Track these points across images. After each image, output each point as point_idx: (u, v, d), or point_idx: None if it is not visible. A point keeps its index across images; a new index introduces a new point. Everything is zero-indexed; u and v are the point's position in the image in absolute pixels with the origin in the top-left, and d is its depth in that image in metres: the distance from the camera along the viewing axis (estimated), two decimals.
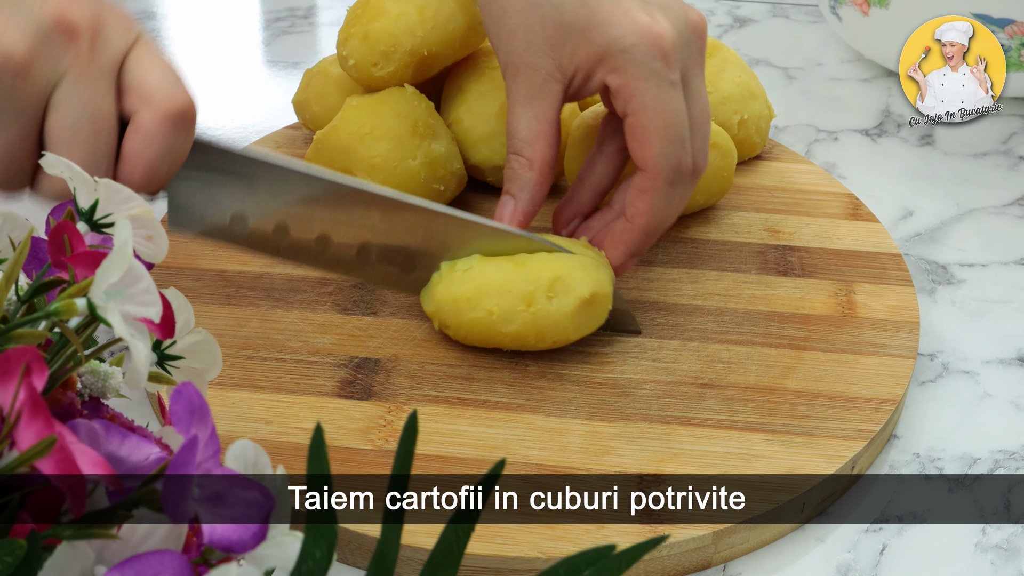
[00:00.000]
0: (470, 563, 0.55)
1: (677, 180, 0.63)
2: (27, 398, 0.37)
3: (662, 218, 0.64)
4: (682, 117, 0.62)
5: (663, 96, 0.61)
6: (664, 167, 0.62)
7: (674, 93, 0.62)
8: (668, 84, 0.61)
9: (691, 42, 0.63)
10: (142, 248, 0.50)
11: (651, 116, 0.61)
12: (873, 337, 0.67)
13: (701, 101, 0.64)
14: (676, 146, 0.62)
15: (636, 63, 0.61)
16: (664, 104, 0.61)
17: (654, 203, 0.63)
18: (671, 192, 0.63)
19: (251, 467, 0.40)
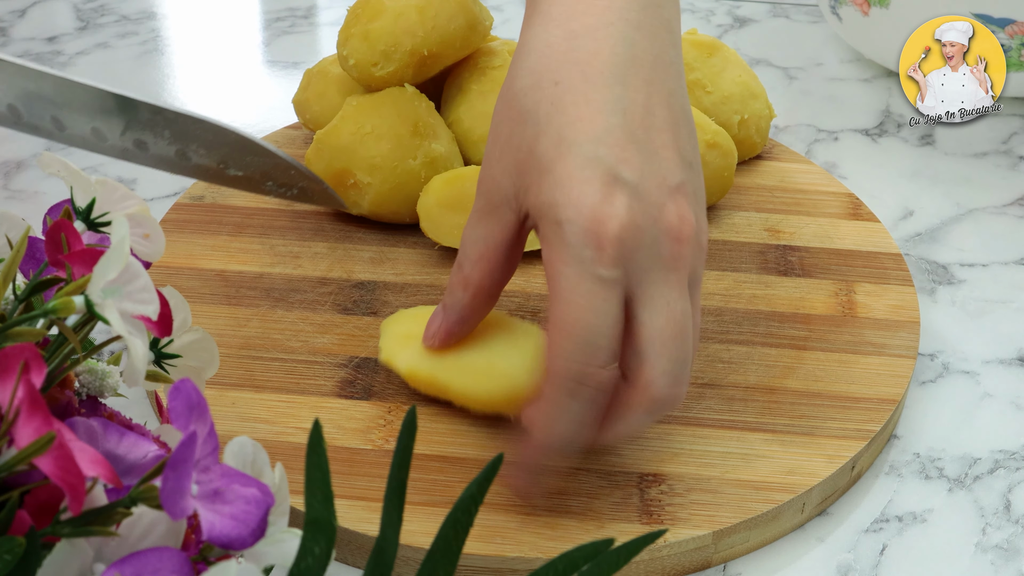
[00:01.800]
0: (470, 563, 0.55)
1: (575, 391, 0.51)
2: (25, 395, 0.37)
3: (562, 437, 0.53)
4: (599, 319, 0.50)
5: (580, 290, 0.50)
6: (562, 371, 0.51)
7: (597, 289, 0.50)
8: (592, 277, 0.50)
9: (654, 245, 0.51)
10: (139, 246, 0.50)
11: (561, 308, 0.51)
12: (873, 337, 0.67)
13: (671, 313, 0.51)
14: (580, 350, 0.50)
15: (564, 242, 0.51)
16: (577, 298, 0.50)
17: (550, 415, 0.52)
18: (576, 407, 0.51)
19: (250, 464, 0.40)
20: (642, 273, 0.51)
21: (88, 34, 0.99)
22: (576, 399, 0.51)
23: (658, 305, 0.51)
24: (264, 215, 0.74)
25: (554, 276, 0.51)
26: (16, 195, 0.81)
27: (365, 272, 0.70)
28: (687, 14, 1.05)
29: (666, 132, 0.53)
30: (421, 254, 0.72)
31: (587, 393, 0.51)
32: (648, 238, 0.51)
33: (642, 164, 0.52)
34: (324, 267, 0.70)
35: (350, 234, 0.73)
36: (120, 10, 1.03)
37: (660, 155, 0.52)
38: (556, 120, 0.52)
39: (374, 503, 0.56)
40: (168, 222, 0.74)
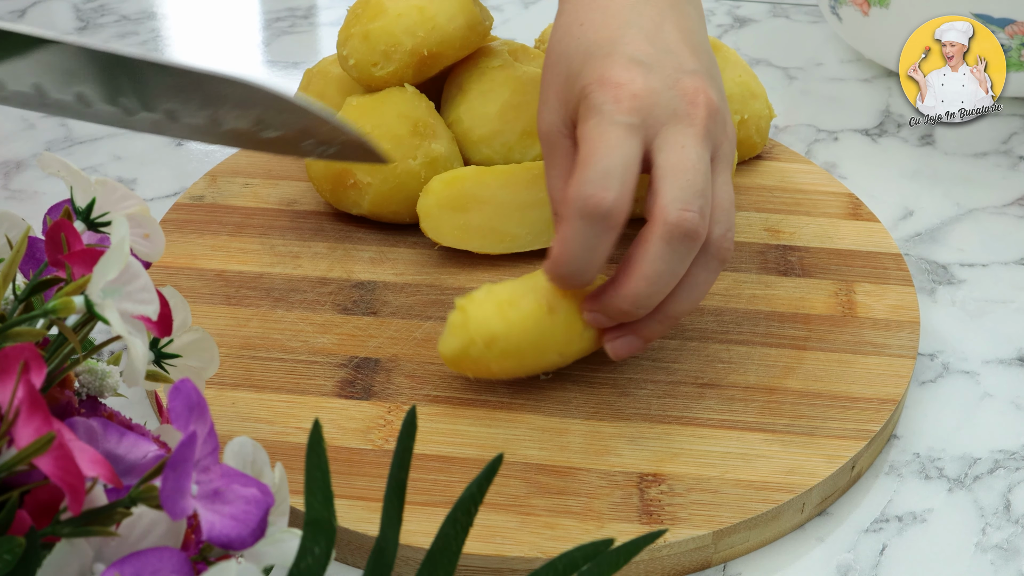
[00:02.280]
0: (470, 563, 0.55)
1: (588, 215, 0.55)
2: (25, 395, 0.37)
3: (568, 255, 0.57)
4: (612, 152, 0.55)
5: (599, 130, 0.56)
6: (574, 194, 0.56)
7: (614, 130, 0.56)
8: (610, 122, 0.56)
9: (671, 103, 0.57)
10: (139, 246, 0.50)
11: (581, 150, 0.57)
12: (873, 337, 0.67)
13: (683, 152, 0.56)
14: (591, 176, 0.55)
15: (589, 104, 0.57)
16: (596, 136, 0.56)
17: (562, 232, 0.57)
18: (582, 226, 0.56)
19: (249, 464, 0.40)
20: (659, 126, 0.57)
21: (88, 34, 0.99)
22: (583, 219, 0.56)
23: (672, 147, 0.57)
24: (264, 215, 0.74)
25: (582, 126, 0.58)
26: (16, 195, 0.81)
27: (365, 272, 0.70)
28: None
29: (680, 43, 0.60)
30: (421, 254, 0.72)
31: (592, 213, 0.55)
32: (664, 99, 0.57)
33: (657, 54, 0.59)
34: (324, 267, 0.71)
35: (350, 234, 0.73)
36: (120, 10, 1.03)
37: (676, 52, 0.59)
38: (582, 45, 0.60)
39: (374, 503, 0.56)
40: (168, 222, 0.74)
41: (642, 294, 0.57)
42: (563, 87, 0.60)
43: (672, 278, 0.57)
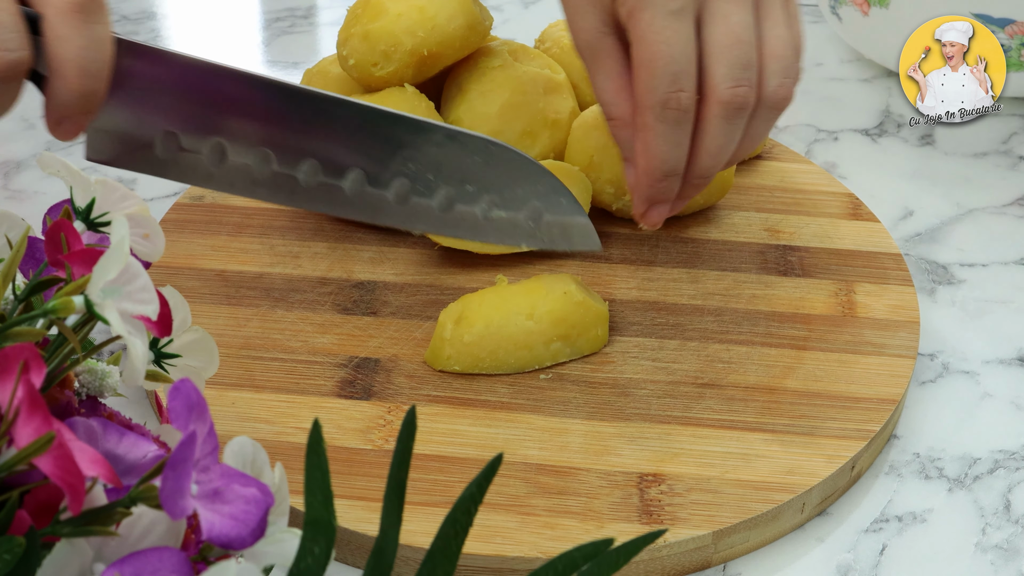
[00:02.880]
0: (470, 563, 0.55)
1: (668, 116, 0.59)
2: (25, 395, 0.37)
3: (661, 159, 0.60)
4: (674, 49, 0.58)
5: (655, 26, 0.58)
6: (648, 101, 0.59)
7: (668, 23, 0.58)
8: (665, 13, 0.58)
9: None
10: (139, 246, 0.50)
11: (641, 47, 0.59)
12: (873, 337, 0.67)
13: (727, 24, 0.59)
14: (661, 80, 0.58)
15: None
16: (655, 35, 0.58)
17: (647, 141, 0.60)
18: (665, 129, 0.59)
19: (249, 464, 0.40)
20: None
21: None
22: (664, 122, 0.59)
23: (717, 19, 0.58)
24: (264, 215, 0.74)
25: (635, 25, 0.58)
26: (16, 195, 0.81)
27: (365, 272, 0.70)
28: None
29: None
30: (421, 254, 0.72)
31: (672, 116, 0.59)
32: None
33: None
34: (324, 267, 0.70)
35: (350, 234, 0.73)
36: (120, 10, 1.03)
37: None
38: None
39: (374, 503, 0.56)
40: (168, 222, 0.74)
41: (709, 167, 0.61)
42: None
43: (733, 145, 0.61)
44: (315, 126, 0.58)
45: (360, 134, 0.58)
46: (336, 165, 0.59)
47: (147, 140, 0.56)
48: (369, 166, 0.59)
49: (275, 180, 0.59)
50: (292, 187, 0.59)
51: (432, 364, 0.64)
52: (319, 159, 0.59)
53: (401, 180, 0.59)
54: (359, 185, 0.59)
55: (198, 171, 0.58)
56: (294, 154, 0.58)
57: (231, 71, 0.56)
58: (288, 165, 0.58)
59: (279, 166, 0.58)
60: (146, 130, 0.56)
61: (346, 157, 0.59)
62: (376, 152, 0.59)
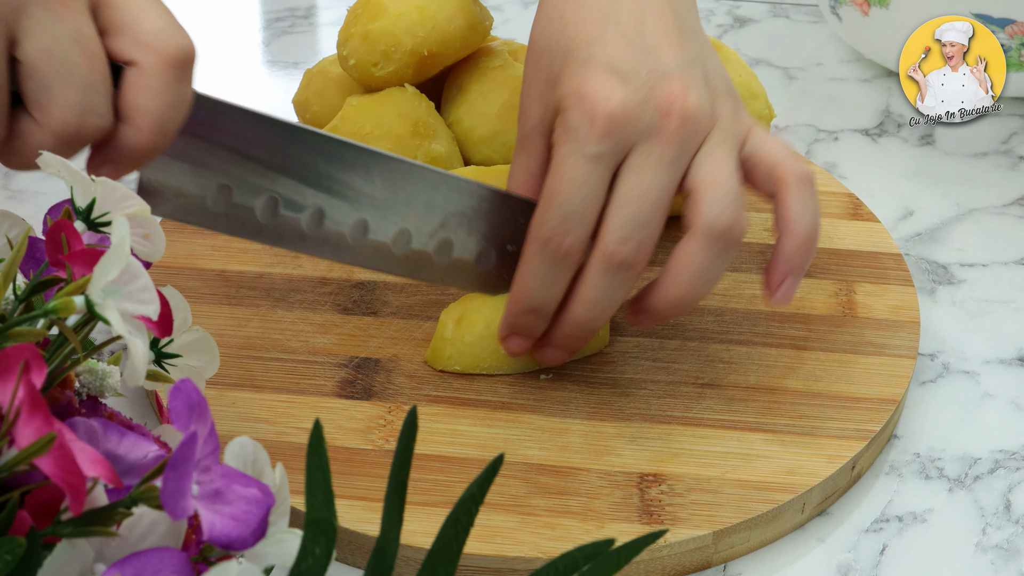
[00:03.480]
0: (470, 563, 0.55)
1: (547, 255, 0.57)
2: (26, 395, 0.37)
3: (529, 292, 0.58)
4: (575, 190, 0.56)
5: (567, 163, 0.56)
6: (534, 233, 0.57)
7: (582, 164, 0.56)
8: (581, 153, 0.56)
9: (643, 119, 0.56)
10: (139, 246, 0.50)
11: (548, 178, 0.57)
12: (873, 337, 0.67)
13: (638, 180, 0.56)
14: (552, 216, 0.56)
15: (565, 124, 0.57)
16: (563, 170, 0.56)
17: (522, 270, 0.58)
18: (541, 265, 0.58)
19: (250, 464, 0.40)
20: (630, 146, 0.56)
21: None
22: (542, 258, 0.57)
23: (632, 172, 0.57)
24: None
25: (554, 154, 0.57)
26: (16, 195, 0.81)
27: (365, 272, 0.70)
28: None
29: (659, 35, 0.58)
30: None
31: (550, 255, 0.57)
32: (636, 114, 0.56)
33: (634, 57, 0.58)
34: (324, 267, 0.70)
35: None
36: None
37: (655, 51, 0.58)
38: (563, 43, 0.59)
39: (374, 503, 0.56)
40: (168, 222, 0.73)
41: (585, 317, 0.59)
42: (544, 87, 0.60)
43: (611, 303, 0.58)
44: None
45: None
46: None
47: (201, 193, 0.58)
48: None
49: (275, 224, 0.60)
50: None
51: (433, 364, 0.64)
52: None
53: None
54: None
55: (247, 227, 0.59)
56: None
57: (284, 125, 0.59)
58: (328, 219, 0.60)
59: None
60: (200, 183, 0.58)
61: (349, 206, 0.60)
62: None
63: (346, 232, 0.60)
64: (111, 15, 0.50)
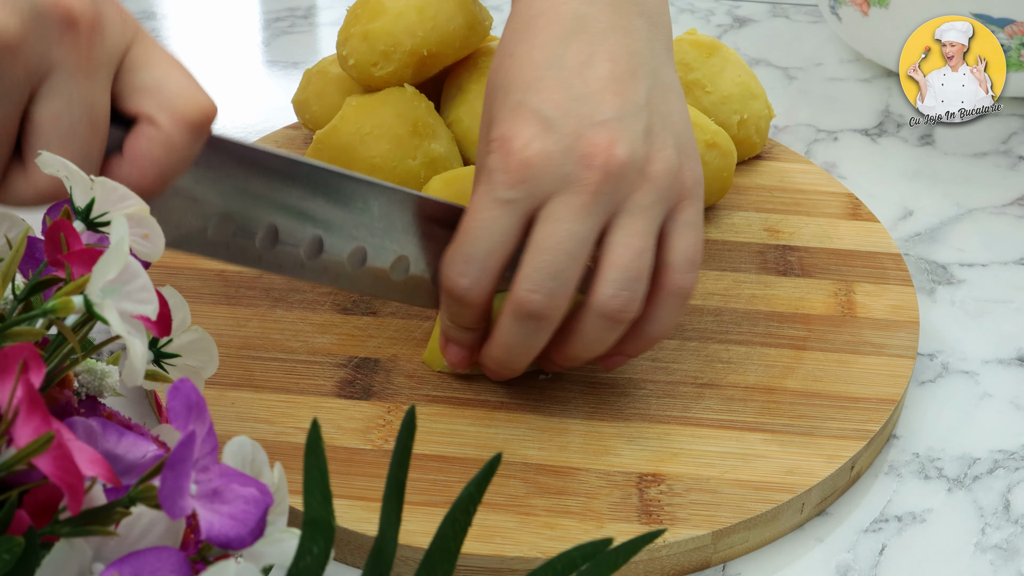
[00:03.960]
0: (469, 563, 0.55)
1: (447, 289, 0.57)
2: (25, 395, 0.37)
3: (444, 311, 0.59)
4: (482, 234, 0.55)
5: (479, 205, 0.55)
6: (441, 272, 0.57)
7: (492, 208, 0.55)
8: (491, 197, 0.55)
9: (566, 171, 0.54)
10: (138, 246, 0.50)
11: (463, 219, 0.57)
12: (873, 337, 0.67)
13: (553, 229, 0.54)
14: (456, 256, 0.56)
15: (483, 166, 0.56)
16: (474, 212, 0.56)
17: (441, 308, 0.59)
18: (447, 304, 0.58)
19: (248, 464, 0.40)
20: (546, 196, 0.55)
21: None
22: (446, 294, 0.57)
23: (547, 221, 0.55)
24: None
25: (471, 196, 0.57)
26: None
27: None
28: (687, 14, 1.05)
29: (604, 81, 0.56)
30: None
31: (452, 293, 0.57)
32: (556, 163, 0.55)
33: (567, 104, 0.55)
34: None
35: None
36: None
37: (593, 98, 0.56)
38: (505, 83, 0.58)
39: (373, 503, 0.56)
40: None
41: (500, 359, 0.59)
42: (485, 127, 0.59)
43: (526, 349, 0.57)
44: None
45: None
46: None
47: (202, 224, 0.59)
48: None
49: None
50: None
51: (431, 365, 0.64)
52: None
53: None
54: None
55: (248, 255, 0.60)
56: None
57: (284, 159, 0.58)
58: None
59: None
60: (201, 214, 0.58)
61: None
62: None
63: (344, 261, 0.60)
64: (134, 78, 0.51)
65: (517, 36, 0.58)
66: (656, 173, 0.56)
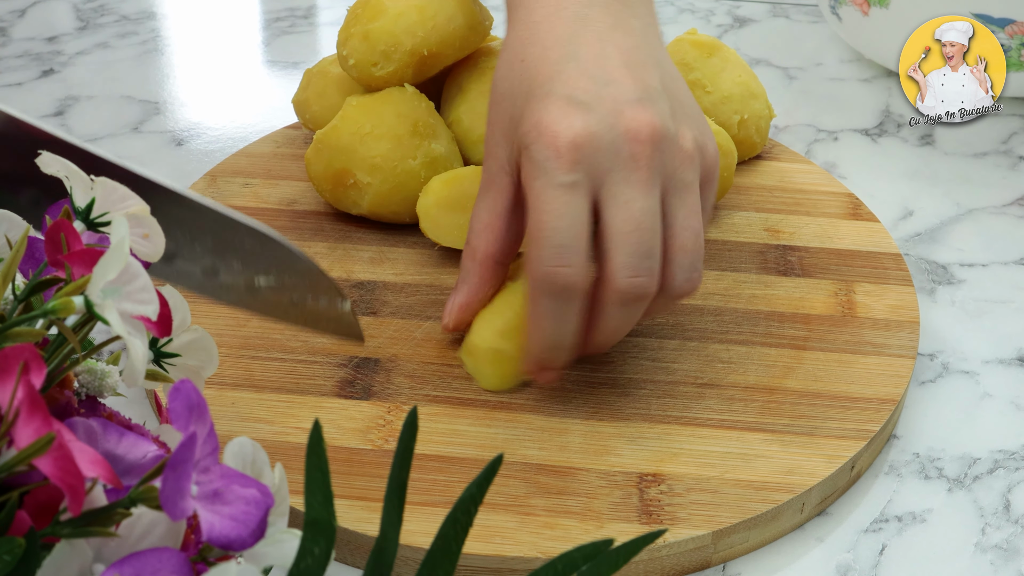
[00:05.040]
0: (470, 563, 0.55)
1: (552, 291, 0.56)
2: (25, 396, 0.37)
3: (547, 332, 0.58)
4: (560, 222, 0.55)
5: (545, 196, 0.56)
6: (534, 272, 0.56)
7: (559, 195, 0.55)
8: (555, 185, 0.55)
9: (613, 146, 0.56)
10: (139, 246, 0.50)
11: (531, 216, 0.56)
12: (873, 337, 0.67)
13: (627, 210, 0.56)
14: (548, 252, 0.56)
15: (531, 160, 0.56)
16: (544, 204, 0.56)
17: (532, 312, 0.58)
18: (549, 304, 0.57)
19: (249, 464, 0.40)
20: (604, 175, 0.56)
21: (88, 34, 0.99)
22: (551, 298, 0.57)
23: (619, 203, 0.56)
24: (264, 215, 0.74)
25: (528, 192, 0.56)
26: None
27: (365, 272, 0.70)
28: (687, 14, 1.05)
29: (622, 69, 0.58)
30: (421, 254, 0.72)
31: (554, 290, 0.56)
32: (605, 142, 0.56)
33: (595, 88, 0.57)
34: (324, 267, 0.70)
35: (350, 234, 0.73)
36: (120, 10, 1.03)
37: (617, 82, 0.57)
38: (524, 83, 0.59)
39: (374, 503, 0.56)
40: None
41: (607, 343, 0.60)
42: (508, 127, 0.59)
43: (630, 326, 0.59)
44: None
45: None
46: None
47: None
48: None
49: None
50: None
51: (487, 386, 0.63)
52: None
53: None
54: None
55: None
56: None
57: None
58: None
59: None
60: None
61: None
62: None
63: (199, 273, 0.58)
64: None
65: (524, 42, 0.60)
66: (690, 150, 0.58)
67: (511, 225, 0.61)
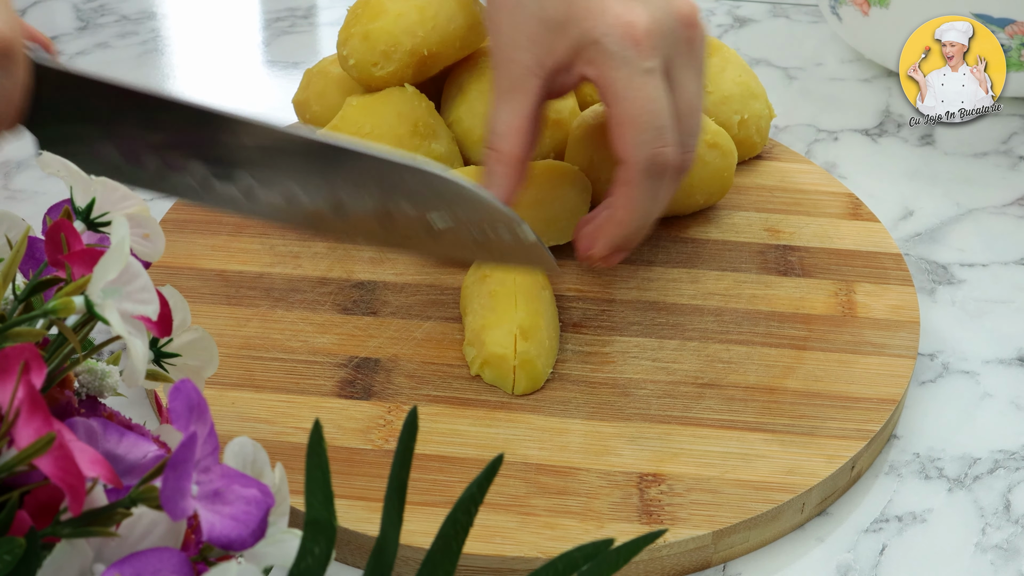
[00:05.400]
0: (470, 563, 0.55)
1: (655, 171, 0.60)
2: (26, 396, 0.37)
3: (643, 212, 0.62)
4: (658, 105, 0.60)
5: (635, 84, 0.60)
6: (638, 157, 0.60)
7: (647, 80, 0.60)
8: (641, 72, 0.59)
9: (674, 31, 0.61)
10: (139, 246, 0.50)
11: (624, 105, 0.60)
12: (873, 337, 0.67)
13: (687, 92, 0.61)
14: (650, 135, 0.60)
15: (607, 53, 0.60)
16: (636, 92, 0.60)
17: (632, 195, 0.61)
18: (650, 184, 0.61)
19: (250, 464, 0.40)
20: (673, 58, 0.61)
21: (88, 34, 0.99)
22: (651, 177, 0.61)
23: (679, 86, 0.61)
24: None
25: (609, 84, 0.60)
26: (16, 195, 0.81)
27: (365, 272, 0.70)
28: None
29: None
30: None
31: (658, 170, 0.60)
32: (668, 27, 0.60)
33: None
34: (324, 267, 0.70)
35: None
36: (120, 10, 1.03)
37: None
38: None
39: (374, 503, 0.56)
40: (168, 222, 0.74)
41: (639, 227, 0.63)
42: (542, 30, 0.61)
43: (659, 209, 0.63)
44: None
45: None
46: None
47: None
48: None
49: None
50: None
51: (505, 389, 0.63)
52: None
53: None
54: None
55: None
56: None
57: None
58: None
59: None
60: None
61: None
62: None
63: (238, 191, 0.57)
64: None
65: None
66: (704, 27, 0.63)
67: (534, 127, 0.63)
